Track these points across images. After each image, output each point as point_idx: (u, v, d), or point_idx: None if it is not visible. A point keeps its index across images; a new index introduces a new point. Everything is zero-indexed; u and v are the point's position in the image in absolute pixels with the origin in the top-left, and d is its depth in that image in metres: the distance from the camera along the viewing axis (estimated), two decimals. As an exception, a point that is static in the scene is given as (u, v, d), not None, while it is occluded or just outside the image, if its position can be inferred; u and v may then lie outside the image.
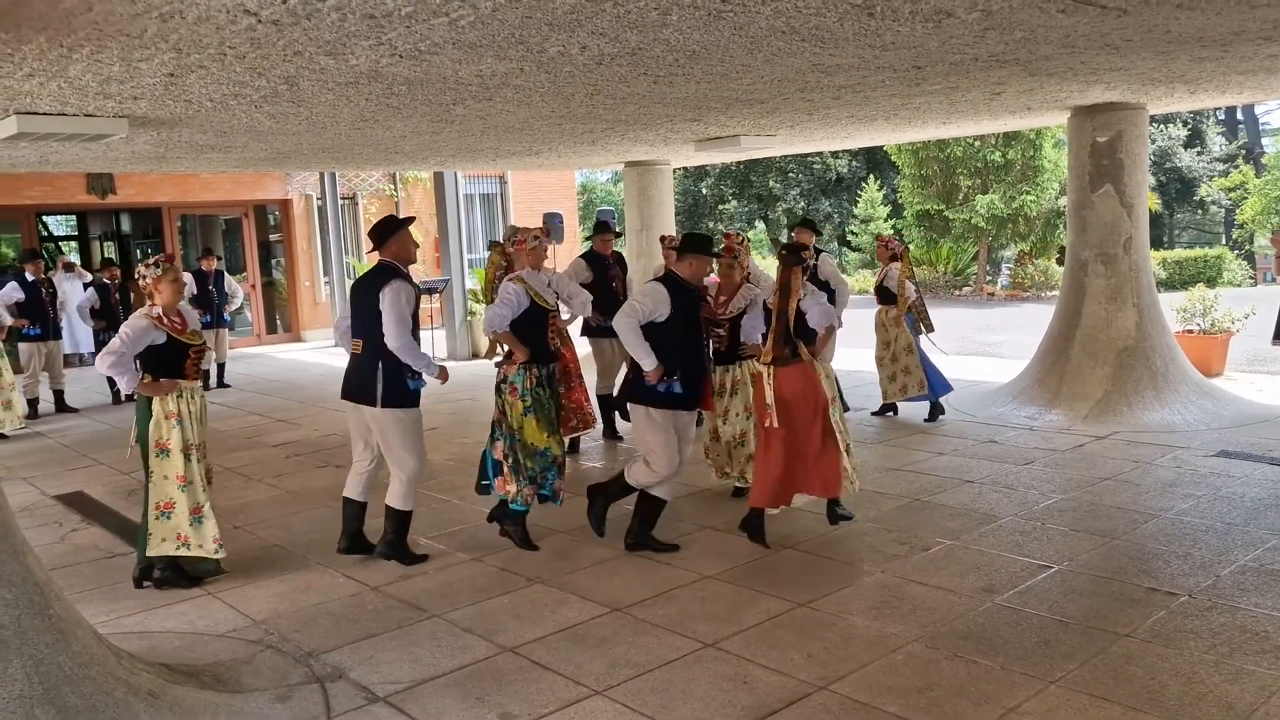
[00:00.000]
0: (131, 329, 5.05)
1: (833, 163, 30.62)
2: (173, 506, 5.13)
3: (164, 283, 5.18)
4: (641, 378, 5.31)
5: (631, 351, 5.26)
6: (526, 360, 5.56)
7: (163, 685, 3.75)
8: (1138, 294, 8.67)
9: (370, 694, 3.98)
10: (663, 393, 5.29)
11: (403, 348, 5.12)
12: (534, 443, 5.56)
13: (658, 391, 5.29)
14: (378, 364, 5.19)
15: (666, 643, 4.34)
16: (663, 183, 13.07)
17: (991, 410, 8.81)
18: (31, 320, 10.70)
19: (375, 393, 5.19)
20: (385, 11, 3.81)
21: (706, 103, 6.91)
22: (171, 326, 5.17)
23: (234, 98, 5.74)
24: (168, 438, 5.11)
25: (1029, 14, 4.43)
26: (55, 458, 8.91)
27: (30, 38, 4.07)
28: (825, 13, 4.20)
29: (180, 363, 5.20)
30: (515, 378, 5.57)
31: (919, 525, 5.80)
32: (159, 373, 5.13)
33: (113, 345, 5.01)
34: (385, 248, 5.27)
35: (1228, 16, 4.74)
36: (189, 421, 5.17)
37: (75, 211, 17.99)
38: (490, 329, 5.61)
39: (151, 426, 5.11)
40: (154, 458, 5.12)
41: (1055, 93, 7.37)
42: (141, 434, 5.17)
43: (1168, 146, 31.97)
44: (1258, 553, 5.10)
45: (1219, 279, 22.58)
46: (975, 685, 3.83)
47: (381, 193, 18.76)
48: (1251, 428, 7.86)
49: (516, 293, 5.61)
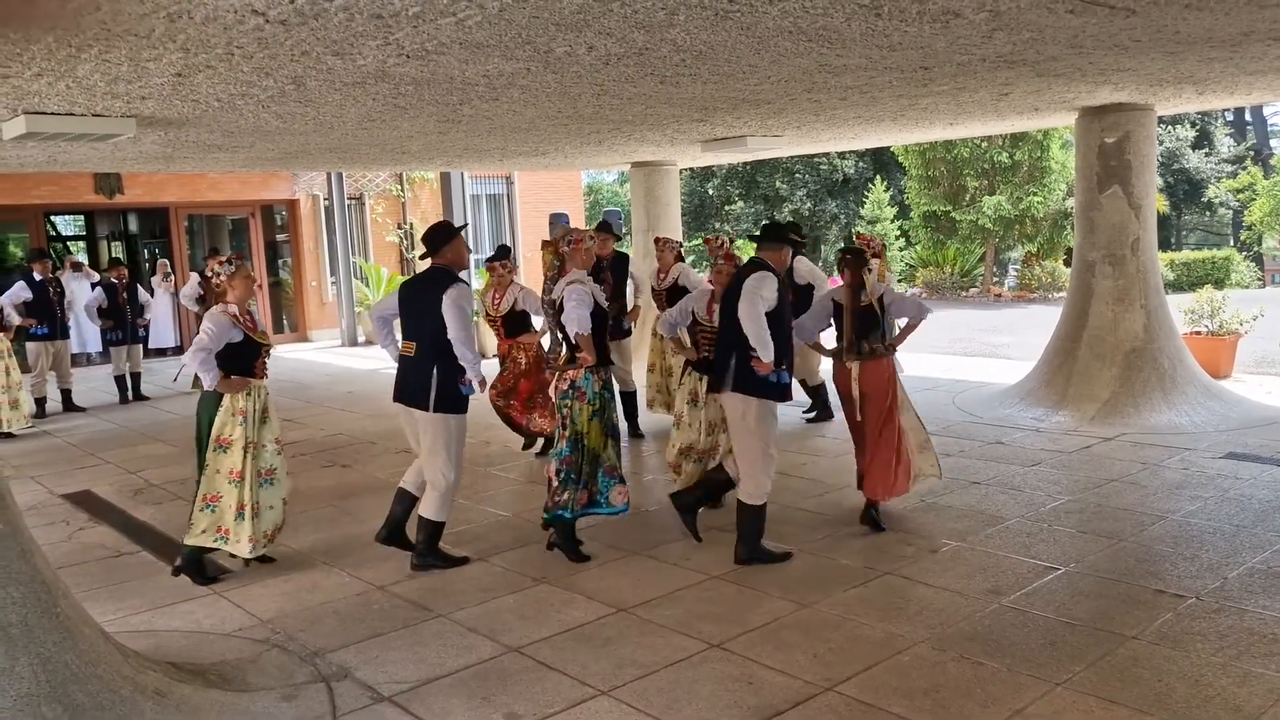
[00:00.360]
0: (215, 325, 5.14)
1: (839, 163, 30.58)
2: (219, 499, 5.23)
3: (237, 279, 5.29)
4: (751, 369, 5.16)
5: (755, 341, 5.09)
6: (594, 364, 5.38)
7: (169, 684, 3.75)
8: (1145, 295, 8.64)
9: (376, 693, 3.99)
10: (774, 383, 5.22)
11: (465, 345, 5.11)
12: (595, 448, 5.40)
13: (769, 382, 5.20)
14: (432, 368, 5.18)
15: (672, 643, 4.34)
16: (669, 183, 13.07)
17: (998, 412, 8.79)
18: (39, 320, 10.73)
19: (429, 396, 5.20)
20: (392, 11, 3.81)
21: (713, 103, 6.91)
22: (246, 325, 5.28)
23: (241, 98, 5.76)
24: (231, 434, 5.22)
25: (1037, 14, 4.42)
26: (62, 457, 8.94)
27: (39, 37, 4.08)
28: (832, 13, 4.19)
29: (252, 361, 5.31)
30: (583, 382, 5.37)
31: (925, 526, 5.79)
32: (231, 370, 5.23)
33: (201, 341, 5.11)
34: (440, 254, 5.30)
35: (1237, 17, 4.72)
36: (252, 419, 5.26)
37: (83, 211, 18.05)
38: (578, 331, 5.31)
39: (218, 422, 5.21)
40: (212, 451, 5.22)
41: (1063, 93, 7.36)
42: (203, 427, 5.26)
43: (1176, 148, 31.88)
44: (1266, 555, 5.08)
45: (1227, 280, 22.52)
46: (981, 687, 3.82)
47: (388, 193, 18.79)
48: (1259, 429, 7.83)
49: (589, 293, 5.40)
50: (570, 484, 5.38)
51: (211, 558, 5.44)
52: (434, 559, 5.41)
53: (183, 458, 8.65)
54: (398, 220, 18.84)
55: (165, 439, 9.52)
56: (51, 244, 17.38)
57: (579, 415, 5.39)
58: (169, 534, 6.32)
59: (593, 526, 5.82)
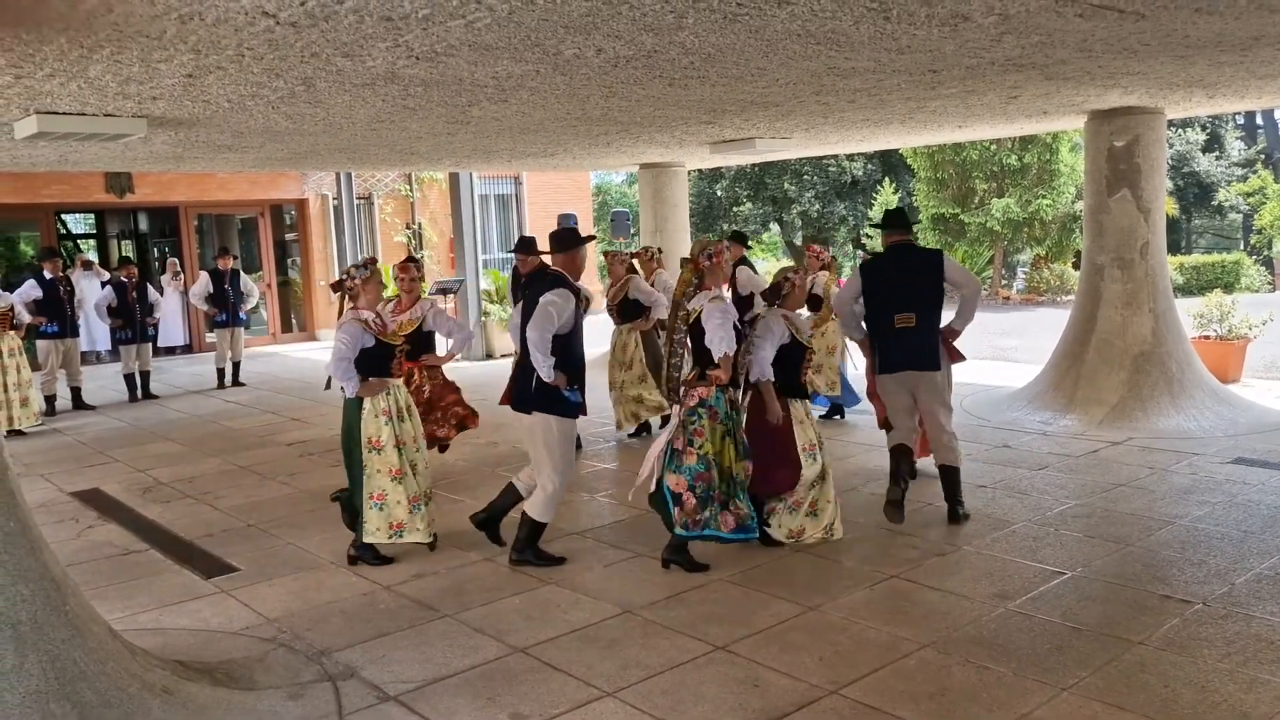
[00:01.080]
0: (347, 334, 5.27)
1: (848, 165, 30.54)
2: (385, 498, 5.39)
3: (371, 284, 5.40)
4: None
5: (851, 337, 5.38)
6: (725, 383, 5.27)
7: (176, 682, 3.77)
8: (1154, 299, 8.62)
9: (382, 693, 4.00)
10: None
11: (536, 346, 5.08)
12: (729, 466, 5.28)
13: None
14: (535, 370, 5.19)
15: (678, 645, 4.34)
16: (677, 185, 13.07)
17: (1006, 415, 8.78)
18: (49, 318, 10.78)
19: (531, 398, 5.24)
20: (402, 14, 3.82)
21: (721, 105, 6.91)
22: (377, 329, 5.37)
23: (251, 98, 5.78)
24: (380, 434, 5.35)
25: (1046, 18, 4.41)
26: (72, 455, 8.98)
27: (51, 38, 4.10)
28: (840, 16, 4.19)
29: (387, 362, 5.42)
30: (714, 400, 5.22)
31: (932, 530, 5.78)
32: (368, 373, 5.36)
33: (340, 351, 5.26)
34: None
35: (1247, 21, 4.71)
36: (396, 417, 5.39)
37: (93, 210, 18.11)
38: (725, 352, 5.13)
39: (363, 425, 5.34)
40: (367, 453, 5.37)
41: (1072, 97, 7.34)
42: (351, 432, 5.39)
43: (1186, 151, 31.76)
44: (1273, 560, 5.07)
45: (1237, 284, 22.41)
46: (987, 691, 3.82)
47: (397, 193, 18.82)
48: (1268, 434, 7.81)
49: (732, 311, 5.26)
50: (710, 503, 5.23)
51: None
52: (530, 555, 5.42)
53: (192, 456, 8.69)
54: (406, 220, 18.87)
55: (174, 437, 9.56)
56: (62, 242, 17.45)
57: (712, 434, 5.24)
58: (177, 532, 6.35)
59: (597, 527, 5.83)
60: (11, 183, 14.62)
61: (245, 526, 6.44)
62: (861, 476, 7.03)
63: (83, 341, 12.57)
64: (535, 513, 5.39)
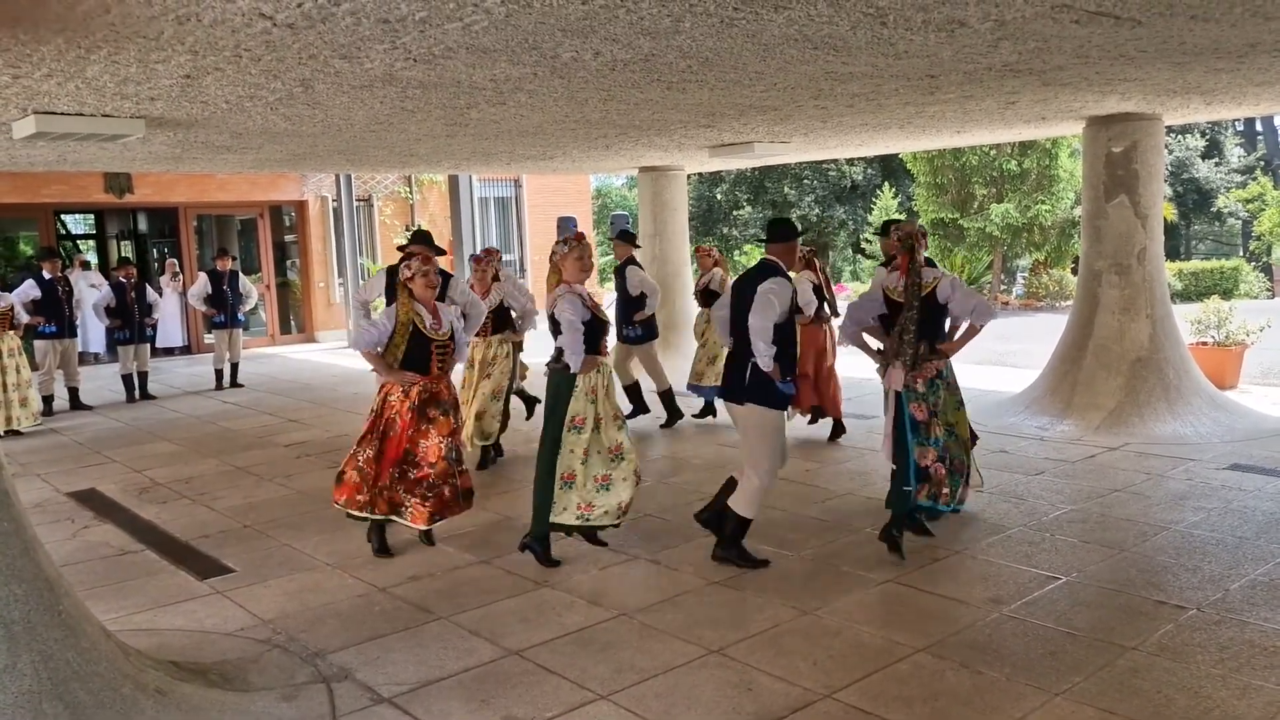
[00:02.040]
0: (570, 305, 5.31)
1: (848, 170, 30.58)
2: (574, 477, 5.36)
3: (569, 260, 5.43)
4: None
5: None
6: None
7: (170, 683, 3.77)
8: (1151, 305, 8.63)
9: (376, 695, 4.00)
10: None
11: (758, 335, 5.05)
12: (965, 438, 5.66)
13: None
14: (748, 360, 5.16)
15: (672, 648, 4.35)
16: (677, 188, 13.08)
17: (1003, 420, 8.78)
18: (48, 318, 10.78)
19: (741, 388, 5.20)
20: (399, 16, 3.83)
21: (720, 109, 6.92)
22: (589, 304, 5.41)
23: (249, 100, 5.78)
24: (584, 412, 5.36)
25: (1042, 24, 4.42)
26: (69, 455, 8.98)
27: (49, 39, 4.11)
28: (837, 21, 4.20)
29: (599, 339, 5.42)
30: (948, 372, 5.61)
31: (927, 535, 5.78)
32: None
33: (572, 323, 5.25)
34: (776, 246, 5.32)
35: (1243, 28, 4.72)
36: (601, 397, 5.42)
37: (93, 210, 18.13)
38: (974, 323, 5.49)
39: (573, 404, 5.33)
40: (568, 432, 5.36)
41: (1070, 103, 7.35)
42: (557, 409, 5.36)
43: (1185, 157, 31.80)
44: (1268, 567, 5.07)
45: (1235, 291, 22.42)
46: (981, 696, 3.82)
47: (396, 195, 18.83)
48: (1264, 441, 7.81)
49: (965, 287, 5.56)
50: (955, 476, 5.53)
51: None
52: (733, 554, 5.34)
53: (189, 457, 8.69)
54: (406, 222, 18.87)
55: (172, 438, 9.55)
56: (61, 243, 17.47)
57: (948, 404, 5.53)
58: (173, 533, 6.35)
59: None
60: (11, 182, 14.62)
61: (241, 527, 6.44)
62: (858, 480, 7.03)
63: (80, 342, 12.57)
64: (740, 506, 5.29)
